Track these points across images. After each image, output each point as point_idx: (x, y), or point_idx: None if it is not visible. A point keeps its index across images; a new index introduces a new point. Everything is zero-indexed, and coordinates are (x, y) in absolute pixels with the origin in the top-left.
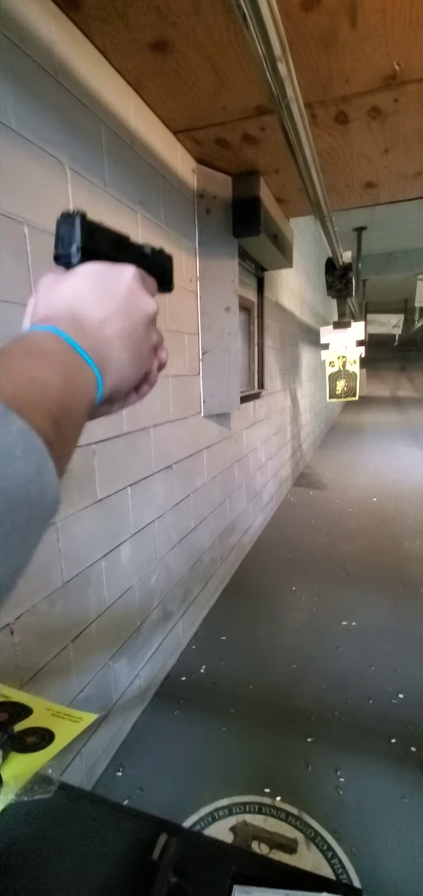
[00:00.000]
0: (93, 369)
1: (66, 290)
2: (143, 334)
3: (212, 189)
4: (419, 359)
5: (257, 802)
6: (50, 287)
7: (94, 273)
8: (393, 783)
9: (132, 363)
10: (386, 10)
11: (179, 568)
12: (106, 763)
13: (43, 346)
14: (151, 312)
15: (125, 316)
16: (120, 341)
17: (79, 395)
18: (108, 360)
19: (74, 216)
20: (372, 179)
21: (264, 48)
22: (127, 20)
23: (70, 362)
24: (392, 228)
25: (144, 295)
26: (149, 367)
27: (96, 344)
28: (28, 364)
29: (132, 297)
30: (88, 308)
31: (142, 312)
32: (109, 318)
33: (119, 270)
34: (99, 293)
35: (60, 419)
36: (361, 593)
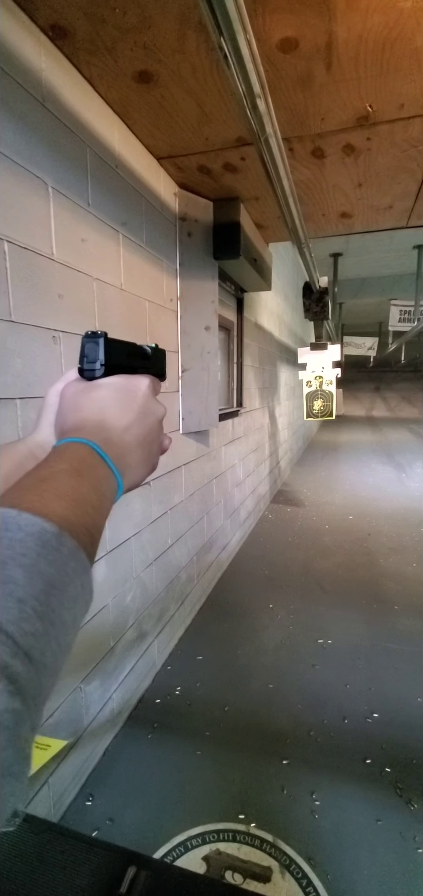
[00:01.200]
0: (117, 478)
1: (94, 401)
2: (155, 434)
3: (193, 213)
4: (392, 380)
5: (231, 830)
6: (77, 396)
7: (116, 386)
8: (368, 805)
9: (146, 462)
10: (359, 57)
11: (156, 586)
12: (75, 792)
13: (82, 463)
14: (161, 415)
15: (142, 423)
16: (137, 446)
17: (107, 506)
18: (127, 465)
19: (98, 336)
20: (347, 210)
21: (244, 86)
22: (115, 54)
23: (101, 477)
24: (366, 255)
25: (155, 401)
26: (157, 459)
27: (119, 452)
28: (71, 485)
29: (147, 404)
30: (113, 419)
31: (155, 417)
32: (129, 427)
33: (136, 382)
34: (121, 404)
35: (94, 533)
36: (337, 610)
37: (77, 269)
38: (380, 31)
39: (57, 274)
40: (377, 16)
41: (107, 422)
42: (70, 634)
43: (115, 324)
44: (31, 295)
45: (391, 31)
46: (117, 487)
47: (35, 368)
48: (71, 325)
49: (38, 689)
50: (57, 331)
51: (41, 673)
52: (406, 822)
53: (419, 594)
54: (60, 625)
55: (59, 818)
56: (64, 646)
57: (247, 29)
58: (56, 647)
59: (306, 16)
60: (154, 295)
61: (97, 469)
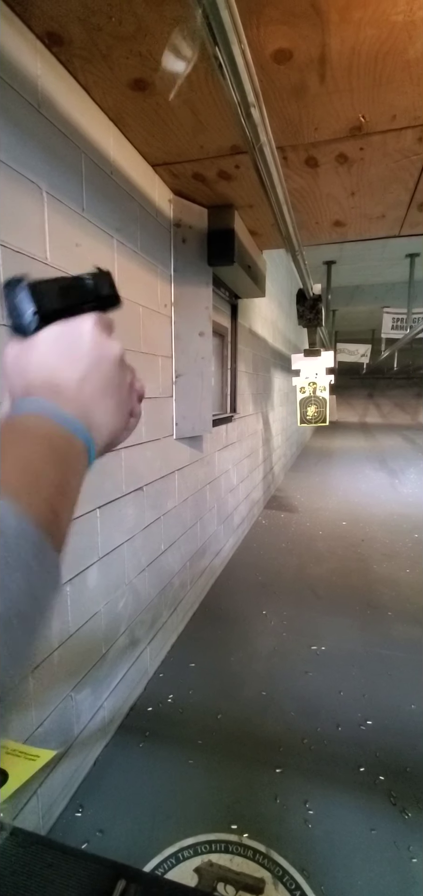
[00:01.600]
0: (83, 438)
1: (35, 360)
2: (118, 378)
3: (188, 219)
4: (385, 387)
5: (223, 840)
6: (17, 360)
7: (57, 337)
8: (362, 814)
9: (116, 410)
10: (352, 69)
11: (148, 592)
12: (65, 803)
13: (32, 429)
14: (119, 354)
15: (98, 368)
16: (101, 395)
17: (71, 468)
18: (94, 419)
19: (18, 284)
20: (340, 219)
21: (238, 95)
22: (110, 61)
23: (61, 443)
24: (359, 263)
25: (107, 340)
26: (131, 405)
27: (81, 406)
28: (21, 452)
29: (98, 347)
30: (63, 373)
31: (111, 357)
32: (85, 377)
33: (79, 325)
34: (67, 356)
35: (58, 504)
36: (330, 617)
37: (71, 273)
38: (373, 44)
39: None
40: (370, 29)
41: (56, 380)
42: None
43: None
44: None
45: (383, 43)
46: (87, 448)
47: None
48: None
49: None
50: None
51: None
52: (400, 832)
53: (412, 600)
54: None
55: (49, 830)
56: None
57: (242, 39)
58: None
59: (300, 28)
60: (148, 300)
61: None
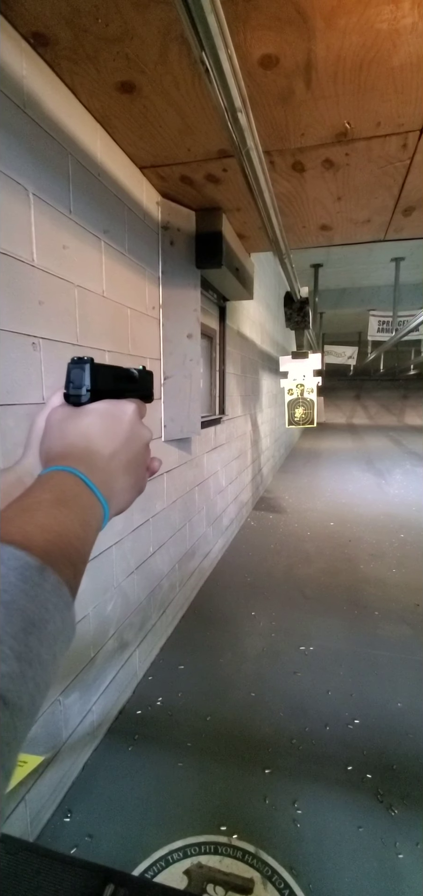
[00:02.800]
0: (103, 505)
1: (80, 428)
2: (141, 459)
3: (176, 222)
4: (372, 388)
5: (212, 842)
6: (63, 423)
7: (102, 412)
8: (350, 812)
9: (132, 486)
10: (337, 76)
11: (137, 595)
12: (53, 809)
13: (66, 493)
14: (148, 440)
15: (129, 448)
16: (123, 471)
17: (92, 536)
18: (113, 491)
19: (84, 362)
20: (327, 223)
21: (225, 100)
22: (97, 63)
23: (86, 506)
24: (346, 267)
25: (141, 425)
26: (145, 483)
27: (105, 478)
28: (55, 515)
29: (134, 429)
30: (99, 445)
31: (142, 442)
32: (116, 453)
33: (122, 407)
34: (107, 431)
35: (78, 564)
36: (319, 617)
37: (58, 275)
38: (358, 52)
39: (37, 280)
40: (355, 36)
41: (93, 449)
42: (49, 673)
43: (96, 330)
44: (10, 301)
45: (368, 51)
46: (103, 515)
47: (14, 375)
48: (51, 331)
49: (12, 734)
50: (37, 337)
51: (16, 716)
52: (387, 828)
53: (398, 599)
54: (39, 665)
55: (37, 836)
56: (42, 686)
57: (228, 44)
58: (34, 689)
59: (287, 34)
60: (136, 302)
61: (82, 498)
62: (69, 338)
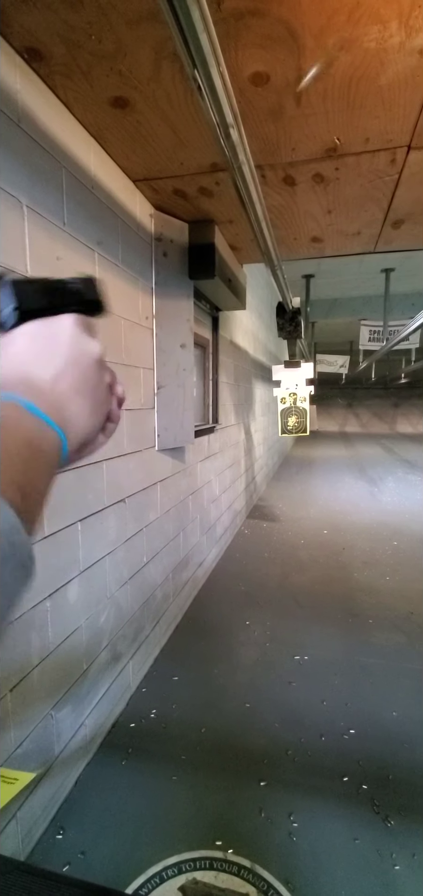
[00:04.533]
0: (55, 430)
1: (12, 355)
2: (95, 378)
3: (169, 234)
4: (364, 397)
5: (207, 857)
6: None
7: (34, 333)
8: (346, 824)
9: (92, 410)
10: (327, 93)
11: (131, 605)
12: (45, 825)
13: (4, 418)
14: (98, 354)
15: (75, 366)
16: (75, 393)
17: (43, 460)
18: (68, 417)
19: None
20: (317, 235)
21: (217, 116)
22: (90, 79)
23: (32, 429)
24: (338, 277)
25: (87, 339)
26: (108, 407)
27: (54, 403)
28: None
29: (77, 345)
30: (38, 369)
31: (89, 357)
32: (59, 374)
33: (58, 323)
34: (44, 351)
35: (27, 488)
36: (313, 625)
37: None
38: (346, 70)
39: None
40: (344, 55)
41: (30, 374)
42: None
43: None
44: None
45: (356, 69)
46: (60, 441)
47: None
48: None
49: None
50: None
51: None
52: (383, 840)
53: (392, 607)
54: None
55: (28, 854)
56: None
57: (220, 62)
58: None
59: (277, 52)
60: (130, 313)
61: (24, 422)
62: None
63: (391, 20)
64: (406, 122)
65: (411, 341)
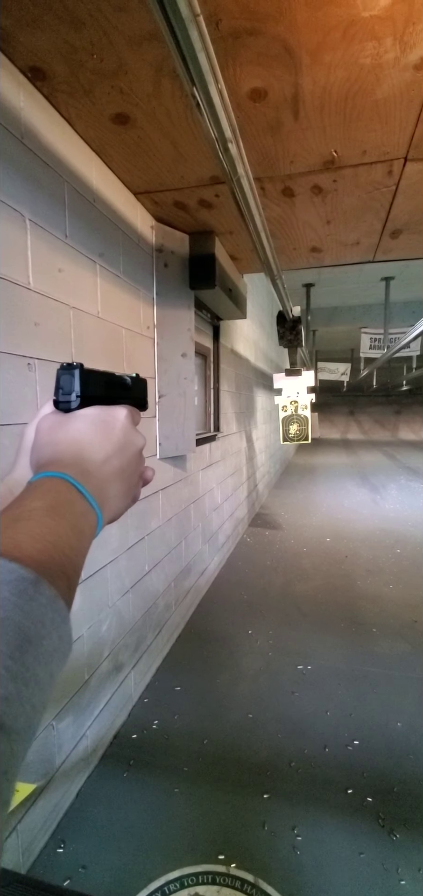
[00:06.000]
0: (96, 512)
1: (70, 433)
2: (135, 466)
3: (170, 245)
4: (365, 404)
5: (210, 872)
6: (53, 430)
7: (93, 418)
8: (350, 838)
9: (126, 494)
10: (324, 108)
11: (132, 614)
12: (45, 839)
13: (58, 500)
14: (141, 446)
15: (121, 454)
16: (116, 477)
17: (85, 544)
18: (107, 498)
19: (73, 368)
20: (317, 245)
21: (216, 131)
22: (92, 96)
23: (79, 513)
24: (338, 286)
25: (135, 432)
26: (138, 491)
27: (98, 484)
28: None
29: (126, 435)
30: (91, 451)
31: (135, 448)
32: (108, 459)
33: (114, 413)
34: (99, 436)
35: (71, 574)
36: (316, 635)
37: (54, 298)
38: (343, 85)
39: (33, 303)
40: (340, 70)
41: (84, 454)
42: (46, 693)
43: (91, 350)
44: (6, 323)
45: (352, 84)
46: (97, 522)
47: (9, 395)
48: (47, 352)
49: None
50: (32, 358)
51: (13, 741)
52: (389, 854)
53: (396, 615)
54: (35, 684)
55: (29, 868)
56: (39, 707)
57: (218, 79)
58: (30, 710)
59: (274, 69)
60: (131, 323)
61: (75, 505)
62: (64, 358)
63: (385, 37)
64: (403, 135)
65: (411, 348)
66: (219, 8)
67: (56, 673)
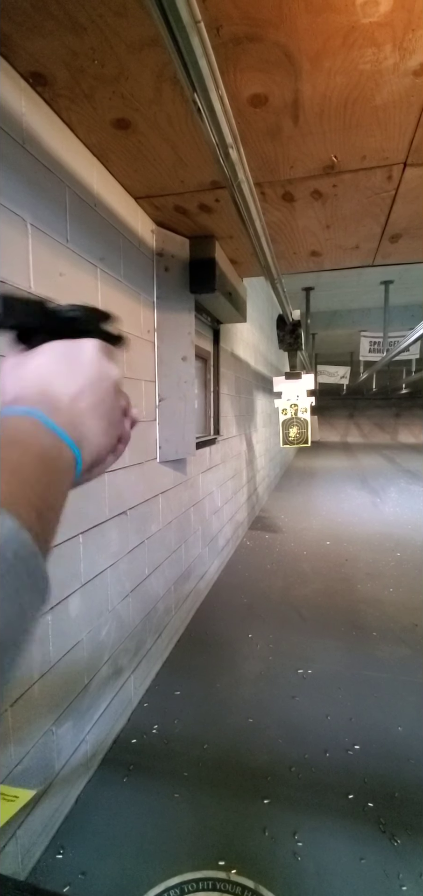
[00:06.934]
0: (71, 448)
1: (35, 369)
2: (112, 401)
3: (170, 249)
4: (365, 407)
5: (210, 878)
6: (16, 367)
7: (57, 351)
8: (351, 843)
9: (106, 431)
10: (323, 113)
11: (132, 618)
12: (45, 845)
13: (22, 433)
14: (116, 378)
15: (94, 388)
16: (92, 413)
17: (59, 479)
18: (83, 435)
19: None
20: (316, 249)
21: (216, 137)
22: (93, 101)
23: (49, 446)
24: (337, 290)
25: (106, 363)
26: (121, 429)
27: (71, 420)
28: (10, 455)
29: (97, 367)
30: (59, 385)
31: (108, 381)
32: (79, 393)
33: (81, 345)
34: (66, 370)
35: (43, 508)
36: (316, 639)
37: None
38: (342, 91)
39: None
40: (340, 77)
41: (51, 389)
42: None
43: None
44: None
45: (352, 90)
46: (75, 459)
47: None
48: None
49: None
50: None
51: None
52: (390, 859)
53: (396, 619)
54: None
55: (28, 874)
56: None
57: (219, 85)
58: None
59: (274, 75)
60: (132, 326)
61: (41, 437)
62: None
63: (385, 43)
64: (402, 140)
65: (411, 352)
66: (220, 14)
67: (29, 609)
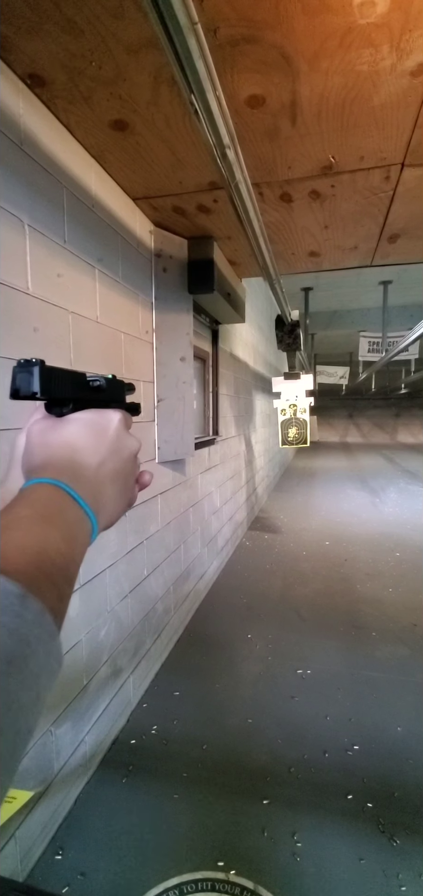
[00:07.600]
0: (91, 518)
1: (63, 437)
2: (130, 470)
3: (169, 250)
4: (364, 407)
5: (209, 879)
6: (44, 434)
7: (87, 421)
8: (350, 844)
9: (121, 498)
10: (321, 114)
11: (131, 619)
12: (44, 846)
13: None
14: (136, 450)
15: (116, 458)
16: (111, 482)
17: (79, 552)
18: (102, 504)
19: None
20: (315, 250)
21: (214, 138)
22: (91, 103)
23: (73, 520)
24: (336, 290)
25: (128, 435)
26: (133, 494)
27: (93, 489)
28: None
29: (120, 439)
30: (84, 455)
31: (129, 451)
32: (102, 463)
33: (108, 416)
34: (93, 440)
35: (62, 585)
36: (315, 639)
37: (53, 303)
38: (340, 92)
39: (32, 308)
40: (337, 77)
41: (77, 458)
42: (31, 717)
43: (90, 355)
44: (5, 328)
45: (349, 91)
46: (92, 528)
47: (7, 400)
48: (46, 357)
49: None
50: None
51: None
52: (389, 860)
53: (395, 619)
54: (18, 709)
55: (27, 875)
56: (23, 732)
57: (216, 87)
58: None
59: (272, 76)
60: (130, 327)
61: (67, 511)
62: (63, 363)
63: (382, 44)
64: (400, 141)
65: (410, 352)
66: (217, 16)
67: (44, 693)
